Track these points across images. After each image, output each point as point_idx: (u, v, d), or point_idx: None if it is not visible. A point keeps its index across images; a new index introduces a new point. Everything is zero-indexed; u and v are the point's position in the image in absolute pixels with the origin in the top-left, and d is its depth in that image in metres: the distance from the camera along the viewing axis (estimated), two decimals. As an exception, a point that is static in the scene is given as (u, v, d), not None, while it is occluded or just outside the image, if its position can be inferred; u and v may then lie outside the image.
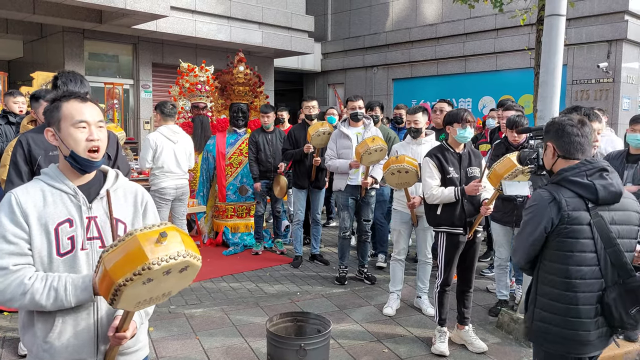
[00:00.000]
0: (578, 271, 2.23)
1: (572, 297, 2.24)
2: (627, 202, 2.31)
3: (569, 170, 2.28)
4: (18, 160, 2.94)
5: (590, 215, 2.22)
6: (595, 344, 2.28)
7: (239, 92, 7.01)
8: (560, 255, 2.25)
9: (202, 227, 7.25)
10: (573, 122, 2.34)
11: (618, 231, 2.25)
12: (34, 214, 1.74)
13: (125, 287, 1.45)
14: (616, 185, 2.24)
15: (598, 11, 10.93)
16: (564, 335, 2.28)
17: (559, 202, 2.22)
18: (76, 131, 1.80)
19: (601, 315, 2.25)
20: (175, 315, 4.60)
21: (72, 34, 10.65)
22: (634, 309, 2.20)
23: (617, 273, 2.24)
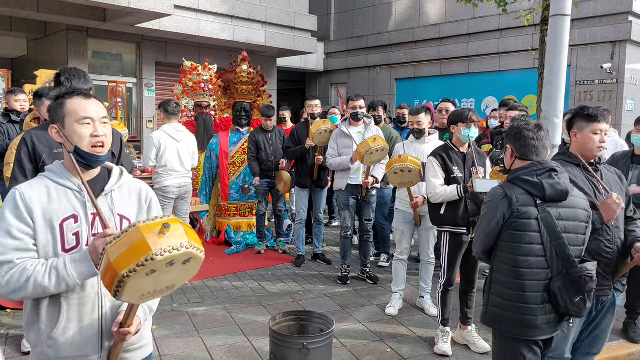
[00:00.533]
0: (525, 261, 2.45)
1: (520, 284, 2.46)
2: (575, 200, 2.53)
3: (521, 170, 2.55)
4: (22, 158, 2.95)
5: (538, 211, 2.45)
6: (543, 328, 2.48)
7: (242, 91, 7.01)
8: (510, 246, 2.49)
9: (205, 225, 7.25)
10: (530, 127, 2.60)
11: (565, 226, 2.47)
12: (38, 209, 1.74)
13: (129, 278, 1.45)
14: (563, 184, 2.46)
15: (602, 12, 10.91)
16: (514, 319, 2.49)
17: (510, 198, 2.48)
18: (80, 127, 1.80)
19: (549, 303, 2.46)
20: (178, 313, 4.60)
21: (76, 32, 10.66)
22: (577, 297, 2.41)
23: (562, 264, 2.44)
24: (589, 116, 2.80)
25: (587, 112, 2.81)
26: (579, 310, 2.45)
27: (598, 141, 2.80)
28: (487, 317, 2.65)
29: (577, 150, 2.88)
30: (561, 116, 4.15)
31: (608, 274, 2.77)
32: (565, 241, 2.44)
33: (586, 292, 2.42)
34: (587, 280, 2.41)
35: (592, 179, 2.83)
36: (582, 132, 2.82)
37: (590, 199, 2.77)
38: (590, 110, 2.80)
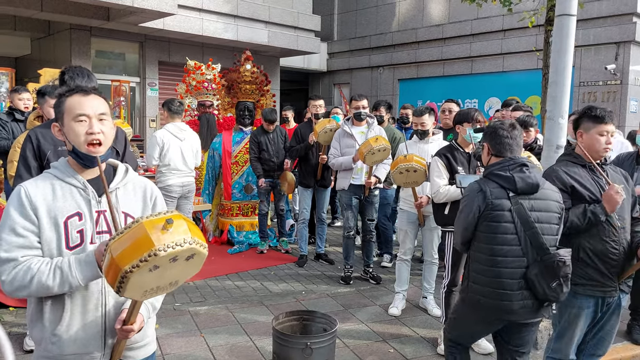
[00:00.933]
0: (500, 250, 2.62)
1: (496, 272, 2.63)
2: (547, 192, 2.70)
3: (495, 166, 2.75)
4: (27, 156, 2.95)
5: (511, 203, 2.63)
6: (519, 313, 2.63)
7: (246, 90, 7.00)
8: (486, 236, 2.66)
9: (208, 225, 7.25)
10: (504, 127, 2.80)
11: (537, 217, 2.63)
12: (43, 207, 1.74)
13: (132, 274, 1.44)
14: (534, 178, 2.64)
15: (606, 13, 10.88)
16: (491, 305, 2.66)
17: (484, 192, 2.67)
18: (76, 125, 1.78)
19: (527, 289, 2.61)
20: (180, 312, 4.59)
21: (80, 31, 10.68)
22: (554, 282, 2.55)
23: (536, 252, 2.60)
24: (596, 117, 2.79)
25: (594, 113, 2.80)
26: (556, 295, 2.57)
27: (604, 142, 2.79)
28: (465, 302, 2.83)
29: (582, 151, 2.87)
30: (566, 116, 4.13)
31: (614, 275, 2.76)
32: (538, 230, 2.60)
33: (561, 277, 2.55)
34: (561, 265, 2.54)
35: (598, 179, 2.82)
36: (589, 132, 2.81)
37: (596, 198, 2.76)
38: (597, 111, 2.79)
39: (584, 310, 2.79)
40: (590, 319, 2.83)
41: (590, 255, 2.75)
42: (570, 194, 2.78)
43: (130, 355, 1.91)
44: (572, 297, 2.82)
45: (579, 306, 2.79)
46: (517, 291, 2.61)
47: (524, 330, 2.75)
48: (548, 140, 4.13)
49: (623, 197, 2.69)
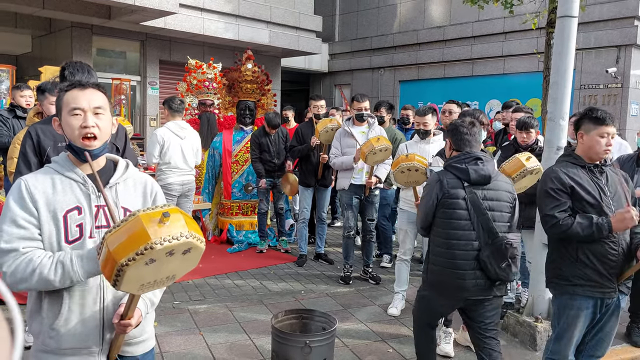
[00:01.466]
0: (455, 234, 2.89)
1: (451, 254, 2.90)
2: (499, 183, 3.00)
3: (453, 159, 3.02)
4: (27, 152, 2.94)
5: (465, 192, 2.90)
6: (472, 291, 2.91)
7: (247, 89, 7.00)
8: (443, 221, 2.94)
9: (207, 224, 7.24)
10: (465, 124, 3.08)
11: (489, 205, 2.91)
12: (42, 200, 1.73)
13: (128, 267, 1.43)
14: (486, 170, 2.92)
15: (607, 16, 10.89)
16: (447, 283, 2.96)
17: (442, 182, 2.95)
18: (71, 118, 1.78)
19: (479, 270, 2.87)
20: (179, 310, 4.59)
21: (81, 29, 10.68)
22: (504, 263, 2.82)
23: (487, 236, 2.86)
24: (596, 119, 2.80)
25: (595, 115, 2.80)
26: (506, 274, 2.85)
27: (604, 144, 2.79)
28: (427, 282, 3.13)
29: (582, 151, 2.87)
30: (567, 118, 4.13)
31: (613, 277, 2.76)
32: (489, 217, 2.87)
33: (510, 258, 2.82)
34: (509, 247, 2.81)
35: (597, 181, 2.82)
36: (589, 134, 2.82)
37: (596, 200, 2.75)
38: (598, 113, 2.80)
39: (583, 311, 2.79)
40: (589, 320, 2.83)
41: (589, 256, 2.74)
42: (570, 194, 2.78)
43: (128, 351, 1.90)
44: (570, 298, 2.82)
45: (578, 307, 2.79)
46: (470, 271, 2.89)
47: (480, 307, 2.99)
48: (549, 142, 4.14)
49: (635, 222, 2.66)
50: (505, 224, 2.94)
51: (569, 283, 2.80)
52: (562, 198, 2.77)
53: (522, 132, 4.56)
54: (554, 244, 2.92)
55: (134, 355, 1.92)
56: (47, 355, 1.79)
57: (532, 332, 4.08)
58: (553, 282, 2.92)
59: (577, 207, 2.77)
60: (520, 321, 4.21)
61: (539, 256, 3.97)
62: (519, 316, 4.26)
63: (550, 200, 2.79)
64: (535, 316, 4.16)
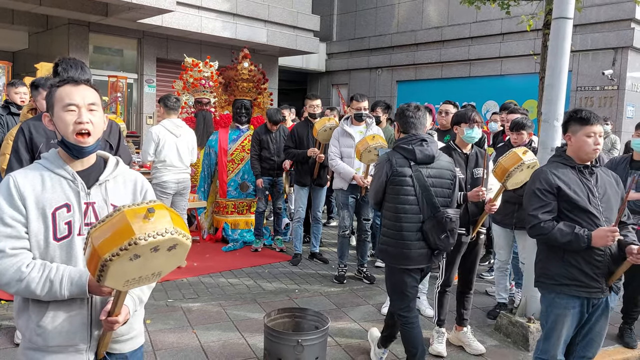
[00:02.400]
0: (403, 208, 3.24)
1: (399, 226, 3.24)
2: (442, 163, 3.34)
3: (401, 140, 3.34)
4: (19, 148, 2.93)
5: (412, 170, 3.23)
6: (417, 259, 3.26)
7: (243, 88, 6.99)
8: (392, 197, 3.27)
9: (202, 222, 7.24)
10: (410, 109, 3.39)
11: (432, 182, 3.26)
12: (31, 197, 1.72)
13: (112, 262, 1.42)
14: (430, 150, 3.27)
15: (604, 18, 10.92)
16: (395, 253, 3.27)
17: (391, 161, 3.26)
18: (65, 114, 1.77)
19: (422, 240, 3.23)
20: (173, 308, 4.58)
21: (78, 26, 10.66)
22: (443, 235, 3.19)
23: (430, 210, 3.22)
24: (581, 119, 2.81)
25: (579, 115, 2.83)
26: (444, 245, 3.24)
27: (592, 144, 2.81)
28: (378, 252, 3.47)
29: (573, 152, 2.89)
30: (561, 119, 4.14)
31: (600, 277, 2.76)
32: (432, 193, 3.22)
33: (449, 231, 3.19)
34: (448, 221, 3.18)
35: (587, 182, 2.83)
36: (576, 135, 2.84)
37: (583, 201, 2.76)
38: (582, 113, 2.82)
39: (569, 310, 2.79)
40: (577, 320, 2.83)
41: (575, 257, 2.75)
42: (557, 195, 2.79)
43: (116, 348, 1.89)
44: (556, 298, 2.83)
45: (564, 306, 2.80)
46: (415, 241, 3.24)
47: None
48: (543, 143, 4.15)
49: (615, 241, 2.68)
50: (446, 199, 3.31)
51: (555, 282, 2.81)
52: (547, 199, 2.78)
53: (513, 132, 4.59)
54: (542, 244, 2.93)
55: (122, 353, 1.91)
56: (34, 353, 1.78)
57: (525, 332, 4.09)
58: (540, 281, 2.93)
59: (563, 208, 2.78)
60: (513, 321, 4.22)
61: (532, 257, 3.98)
62: (511, 317, 4.26)
63: (536, 201, 2.81)
64: (527, 316, 4.17)
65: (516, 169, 3.55)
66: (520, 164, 3.53)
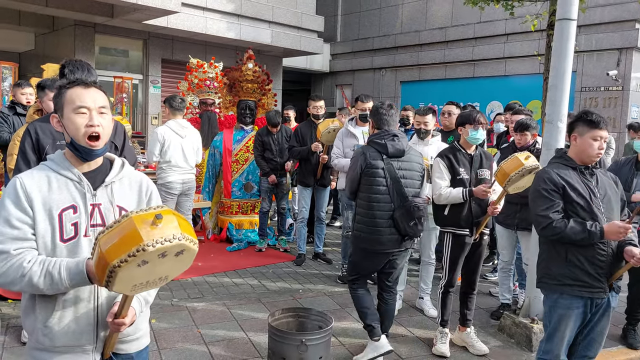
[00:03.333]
0: (375, 197, 3.54)
1: (372, 214, 3.55)
2: (412, 157, 3.66)
3: (374, 135, 3.66)
4: (26, 149, 2.96)
5: (384, 163, 3.53)
6: (387, 244, 3.56)
7: (247, 89, 7.03)
8: (365, 187, 3.58)
9: (207, 222, 7.27)
10: (383, 107, 3.69)
11: (403, 174, 3.57)
12: (38, 199, 1.73)
13: (120, 268, 1.43)
14: (401, 145, 3.58)
15: (609, 19, 10.90)
16: (368, 237, 3.58)
17: (365, 154, 3.58)
18: (76, 117, 1.78)
19: (393, 227, 3.53)
20: (178, 308, 4.61)
21: (84, 27, 10.72)
22: (412, 222, 3.49)
23: (400, 199, 3.51)
24: (591, 122, 2.82)
25: (589, 118, 2.83)
26: (414, 232, 3.53)
27: (597, 147, 2.82)
28: (352, 237, 3.76)
29: (575, 153, 2.89)
30: (565, 120, 4.14)
31: (602, 277, 2.77)
32: (402, 183, 3.53)
33: (417, 218, 3.49)
34: (416, 209, 3.47)
35: (588, 182, 2.84)
36: (583, 136, 2.84)
37: (586, 201, 2.77)
38: (593, 117, 2.83)
39: (573, 310, 2.80)
40: (580, 320, 2.84)
41: (578, 257, 2.76)
42: (562, 195, 2.80)
43: (122, 349, 1.90)
44: (559, 298, 2.83)
45: (567, 306, 2.81)
46: (386, 228, 3.53)
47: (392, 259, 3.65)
48: (546, 144, 4.15)
49: (628, 234, 2.71)
50: (416, 190, 3.63)
51: (558, 283, 2.82)
52: (554, 198, 2.79)
53: (517, 133, 4.59)
54: (544, 245, 2.94)
55: (128, 353, 1.92)
56: (40, 353, 1.79)
57: (528, 333, 4.10)
58: (543, 282, 2.94)
59: (567, 209, 2.79)
60: (517, 322, 4.23)
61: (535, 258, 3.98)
62: (515, 317, 4.27)
63: (543, 201, 2.81)
64: (531, 317, 4.18)
65: (517, 174, 3.55)
66: (521, 169, 3.53)
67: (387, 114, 3.66)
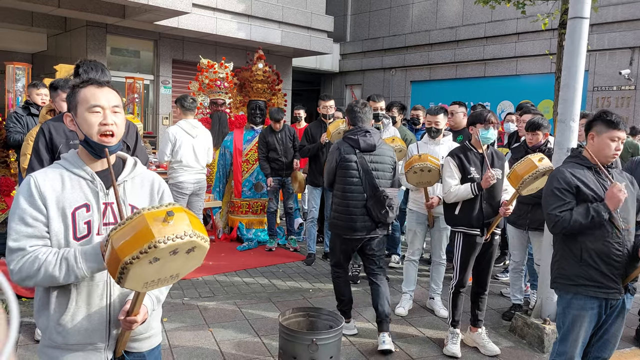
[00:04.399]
0: (349, 188, 3.89)
1: (346, 203, 3.90)
2: (383, 151, 3.98)
3: (349, 132, 4.02)
4: (40, 149, 2.98)
5: (357, 157, 3.87)
6: (361, 230, 3.89)
7: (257, 89, 7.05)
8: (341, 179, 3.93)
9: (217, 222, 7.30)
10: (358, 105, 4.03)
11: (374, 167, 3.89)
12: (52, 197, 1.74)
13: (132, 265, 1.44)
14: (372, 140, 3.91)
15: (621, 17, 10.79)
16: (343, 225, 3.92)
17: (340, 149, 3.93)
18: (90, 115, 1.79)
19: (366, 215, 3.87)
20: (189, 306, 4.64)
21: (95, 28, 10.81)
22: (383, 210, 3.80)
23: (371, 190, 3.84)
24: (610, 122, 2.80)
25: (609, 118, 2.81)
26: (385, 218, 3.84)
27: (614, 148, 2.80)
28: (330, 225, 4.08)
29: (591, 153, 2.87)
30: (577, 119, 4.11)
31: (618, 278, 2.75)
32: (373, 175, 3.86)
33: (387, 207, 3.79)
34: (385, 198, 3.78)
35: (603, 182, 2.82)
36: (600, 136, 2.82)
37: (601, 200, 2.75)
38: (612, 117, 2.80)
39: (587, 311, 2.78)
40: (595, 321, 2.81)
41: (593, 257, 2.74)
42: (575, 194, 2.78)
43: (134, 347, 1.91)
44: (574, 299, 2.81)
45: (582, 307, 2.78)
46: (360, 216, 3.87)
47: (369, 242, 3.96)
48: (559, 143, 4.12)
49: (626, 194, 2.69)
50: (388, 181, 3.94)
51: (573, 283, 2.79)
52: (566, 198, 2.77)
53: (529, 132, 4.55)
54: (559, 244, 2.91)
55: (140, 352, 1.94)
56: (54, 351, 1.81)
57: (540, 334, 4.07)
58: (557, 283, 2.91)
59: None
60: (529, 323, 4.20)
61: (547, 258, 3.96)
62: (527, 318, 4.25)
63: (555, 200, 2.79)
64: (543, 318, 4.15)
65: (530, 176, 3.52)
66: (535, 172, 3.50)
67: (361, 111, 3.99)
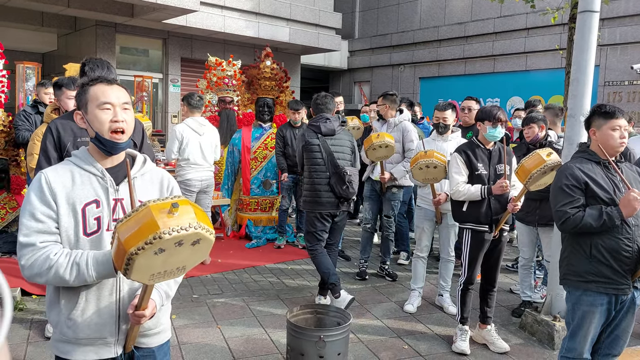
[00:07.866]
0: (315, 168, 4.46)
1: (312, 181, 4.47)
2: (342, 135, 4.59)
3: (312, 120, 4.61)
4: (48, 147, 3.00)
5: (319, 140, 4.45)
6: (326, 205, 4.45)
7: (265, 86, 7.04)
8: (308, 160, 4.50)
9: (226, 219, 7.32)
10: (320, 96, 4.66)
11: (335, 149, 4.47)
12: (62, 193, 1.77)
13: (137, 256, 1.46)
14: (331, 126, 4.50)
15: (633, 11, 10.66)
16: (311, 201, 4.48)
17: (304, 135, 4.53)
18: (101, 112, 1.82)
19: (330, 192, 4.41)
20: (198, 303, 4.65)
21: (105, 27, 10.86)
22: (344, 186, 4.36)
23: (333, 169, 4.40)
24: (606, 113, 2.77)
25: (603, 110, 2.78)
26: (347, 194, 4.39)
27: (618, 137, 2.76)
28: (302, 203, 4.64)
29: (596, 148, 2.83)
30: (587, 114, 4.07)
31: (627, 273, 2.71)
32: (334, 156, 4.44)
33: (347, 182, 4.34)
34: (345, 174, 4.34)
35: (612, 177, 2.78)
36: (601, 129, 2.79)
37: (609, 196, 2.72)
38: (607, 108, 2.78)
39: (597, 307, 2.74)
40: (605, 317, 2.78)
41: (602, 253, 2.70)
42: (584, 190, 2.74)
43: (144, 342, 1.93)
44: (583, 295, 2.77)
45: (591, 303, 2.75)
46: (325, 192, 4.42)
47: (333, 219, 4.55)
48: (568, 138, 4.08)
49: None
50: (348, 162, 4.51)
51: (582, 279, 2.76)
52: (575, 194, 2.73)
53: (524, 127, 4.59)
54: (568, 240, 2.88)
55: (149, 347, 1.95)
56: (65, 345, 1.84)
57: (550, 330, 4.04)
58: (566, 279, 2.88)
59: (591, 204, 2.73)
60: (539, 320, 4.17)
61: (557, 255, 3.92)
62: (537, 315, 4.22)
63: (564, 196, 2.76)
64: (553, 315, 4.12)
65: (539, 171, 3.48)
66: (543, 166, 3.46)
67: (322, 102, 4.59)
